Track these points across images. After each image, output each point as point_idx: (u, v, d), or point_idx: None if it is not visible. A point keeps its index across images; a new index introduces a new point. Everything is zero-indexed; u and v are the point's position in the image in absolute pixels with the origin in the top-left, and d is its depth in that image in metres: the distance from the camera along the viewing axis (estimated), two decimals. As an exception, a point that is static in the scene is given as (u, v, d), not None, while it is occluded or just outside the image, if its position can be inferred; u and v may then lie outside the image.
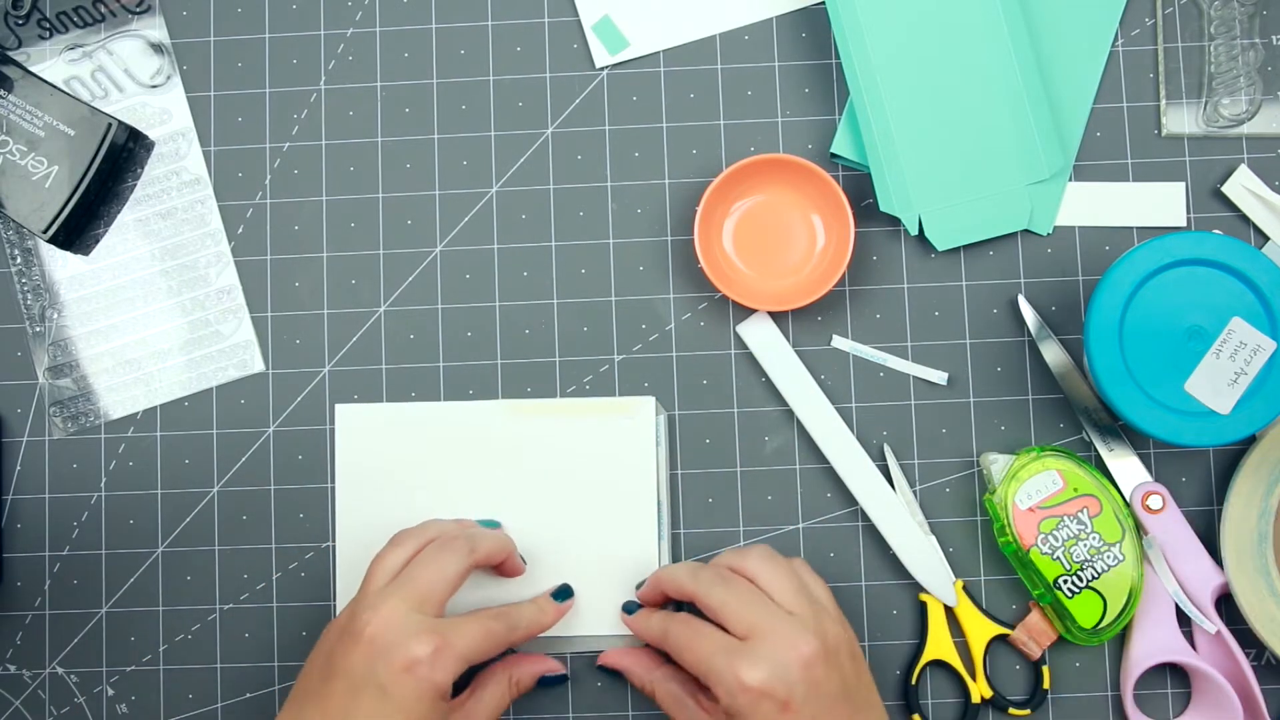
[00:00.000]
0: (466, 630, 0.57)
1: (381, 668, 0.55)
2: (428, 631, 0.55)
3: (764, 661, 0.54)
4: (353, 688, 0.55)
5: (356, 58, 0.68)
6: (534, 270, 0.67)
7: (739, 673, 0.54)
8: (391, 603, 0.56)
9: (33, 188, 0.66)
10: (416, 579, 0.57)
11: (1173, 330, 0.59)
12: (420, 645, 0.55)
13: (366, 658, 0.55)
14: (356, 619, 0.56)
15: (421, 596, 0.57)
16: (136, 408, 0.67)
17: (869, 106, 0.64)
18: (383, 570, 0.59)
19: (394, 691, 0.54)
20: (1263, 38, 0.66)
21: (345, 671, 0.55)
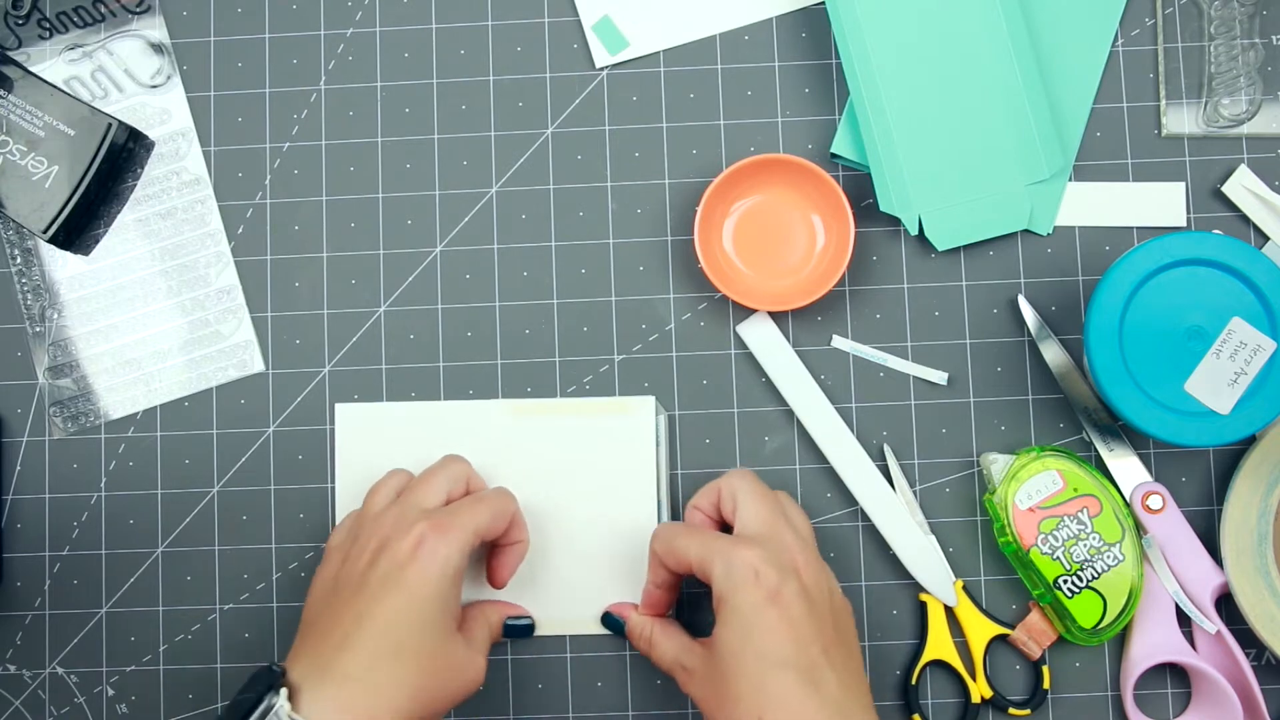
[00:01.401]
0: (468, 507, 0.58)
1: (385, 561, 0.55)
2: (427, 517, 0.56)
3: (759, 547, 0.55)
4: (358, 590, 0.55)
5: (356, 58, 0.68)
6: (534, 270, 0.67)
7: (735, 549, 0.55)
8: (391, 512, 0.57)
9: (33, 188, 0.66)
10: (415, 492, 0.59)
11: (1173, 330, 0.59)
12: (419, 526, 0.56)
13: (371, 559, 0.56)
14: (359, 537, 0.57)
15: (419, 500, 0.58)
16: (136, 408, 0.67)
17: (869, 106, 0.64)
18: (379, 495, 0.60)
19: (405, 573, 0.54)
20: (1263, 38, 0.66)
21: (349, 581, 0.56)
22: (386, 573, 0.55)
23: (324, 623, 0.55)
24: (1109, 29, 0.67)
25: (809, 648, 0.53)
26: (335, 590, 0.56)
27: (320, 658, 0.53)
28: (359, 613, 0.54)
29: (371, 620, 0.54)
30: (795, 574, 0.55)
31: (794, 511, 0.59)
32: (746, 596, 0.54)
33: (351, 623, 0.54)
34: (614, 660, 0.65)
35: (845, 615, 0.57)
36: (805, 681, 0.52)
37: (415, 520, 0.56)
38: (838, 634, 0.55)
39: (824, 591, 0.56)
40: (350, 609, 0.54)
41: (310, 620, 0.57)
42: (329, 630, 0.54)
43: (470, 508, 0.58)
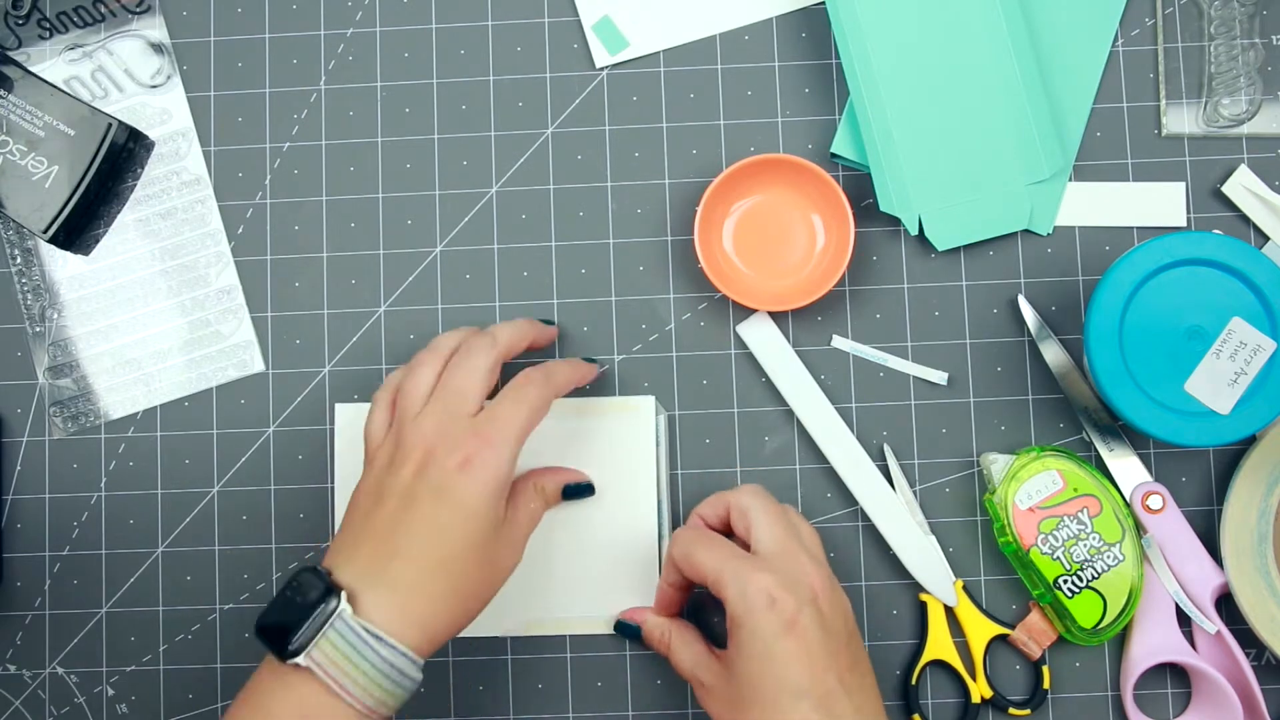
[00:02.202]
0: (508, 412, 0.56)
1: (434, 473, 0.55)
2: (473, 430, 0.55)
3: (776, 570, 0.54)
4: (407, 498, 0.55)
5: (356, 58, 0.68)
6: (534, 270, 0.67)
7: (752, 573, 0.54)
8: (433, 416, 0.56)
9: (33, 188, 0.66)
10: (450, 388, 0.57)
11: (1173, 330, 0.59)
12: (470, 441, 0.55)
13: (418, 469, 0.55)
14: (402, 444, 0.56)
15: (461, 402, 0.56)
16: (136, 408, 0.67)
17: (869, 106, 0.64)
18: (416, 393, 0.58)
19: (453, 491, 0.54)
20: (1263, 38, 0.66)
21: (396, 490, 0.55)
22: (436, 486, 0.54)
23: (371, 530, 0.55)
24: (1109, 29, 0.67)
25: (825, 676, 0.53)
26: (379, 498, 0.56)
27: (372, 564, 0.54)
28: (409, 524, 0.54)
29: (423, 532, 0.54)
30: (812, 600, 0.54)
31: (805, 529, 0.59)
32: (763, 624, 0.53)
33: (403, 534, 0.54)
34: (614, 660, 0.65)
35: (857, 636, 0.57)
36: (822, 711, 0.52)
37: (461, 434, 0.55)
38: (852, 658, 0.55)
39: (840, 615, 0.55)
40: (401, 520, 0.54)
41: (354, 525, 0.56)
42: (377, 538, 0.54)
43: (512, 412, 0.57)
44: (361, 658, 0.51)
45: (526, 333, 0.61)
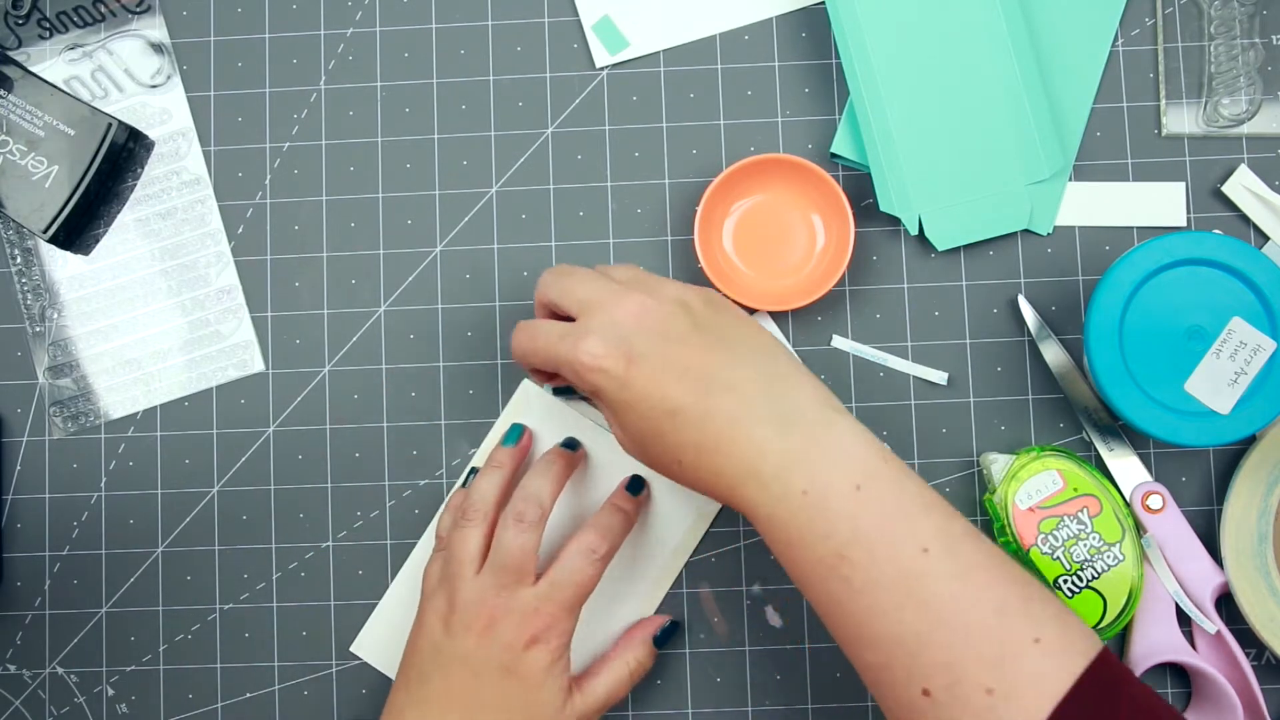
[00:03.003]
0: (570, 579, 0.57)
1: (499, 650, 0.55)
2: (536, 607, 0.56)
3: (595, 329, 0.53)
4: (474, 672, 0.55)
5: (356, 58, 0.68)
6: (534, 270, 0.67)
7: (577, 349, 0.53)
8: (490, 588, 0.56)
9: (33, 188, 0.66)
10: (505, 562, 0.57)
11: (1173, 330, 0.59)
12: (535, 620, 0.55)
13: (483, 643, 0.55)
14: (459, 611, 0.56)
15: (518, 570, 0.57)
16: (136, 408, 0.67)
17: (869, 106, 0.64)
18: (466, 555, 0.58)
19: (519, 669, 0.55)
20: (1263, 38, 0.66)
21: (462, 658, 0.55)
22: (504, 662, 0.55)
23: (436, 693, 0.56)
24: (1109, 29, 0.67)
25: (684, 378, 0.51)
26: (440, 658, 0.56)
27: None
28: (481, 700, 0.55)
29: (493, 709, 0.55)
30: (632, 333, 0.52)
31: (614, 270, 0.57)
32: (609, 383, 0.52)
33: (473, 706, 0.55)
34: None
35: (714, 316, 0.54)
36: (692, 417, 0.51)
37: (524, 609, 0.56)
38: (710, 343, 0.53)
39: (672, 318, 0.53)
40: (468, 691, 0.55)
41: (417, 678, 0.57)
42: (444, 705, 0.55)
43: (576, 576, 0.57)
44: None
45: (562, 476, 0.61)
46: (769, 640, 0.65)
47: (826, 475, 0.50)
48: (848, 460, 0.50)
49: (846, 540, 0.49)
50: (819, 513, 0.49)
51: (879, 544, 0.49)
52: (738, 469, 0.51)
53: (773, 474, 0.50)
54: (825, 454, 0.50)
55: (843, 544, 0.49)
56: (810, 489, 0.50)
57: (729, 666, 0.65)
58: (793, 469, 0.50)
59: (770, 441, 0.51)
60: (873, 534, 0.49)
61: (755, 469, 0.51)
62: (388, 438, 0.66)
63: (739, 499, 0.52)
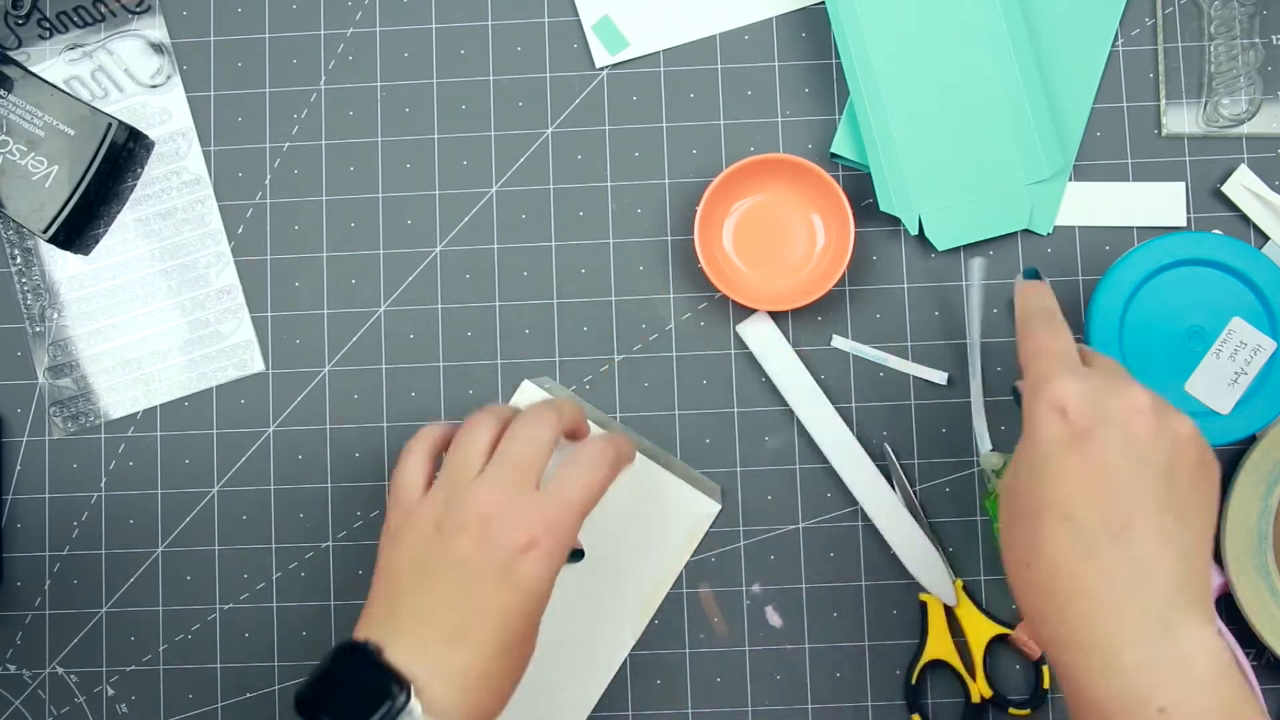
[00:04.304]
0: (574, 495, 0.52)
1: (497, 553, 0.50)
2: (538, 508, 0.51)
3: (1088, 381, 0.47)
4: (467, 576, 0.50)
5: (356, 58, 0.68)
6: (534, 270, 0.67)
7: (1056, 374, 0.47)
8: (493, 486, 0.52)
9: (33, 188, 0.66)
10: (511, 457, 0.53)
11: (1173, 330, 0.59)
12: (536, 523, 0.51)
13: (478, 544, 0.50)
14: (458, 507, 0.51)
15: (524, 473, 0.52)
16: (136, 408, 0.67)
17: (869, 106, 0.64)
18: (472, 451, 0.53)
19: (517, 575, 0.50)
20: (1263, 38, 0.66)
21: (453, 561, 0.51)
22: (500, 566, 0.50)
23: (428, 607, 0.51)
24: (1109, 29, 0.67)
25: (1104, 511, 0.45)
26: (428, 567, 0.51)
27: (434, 650, 0.50)
28: (474, 608, 0.50)
29: (488, 617, 0.51)
30: (1124, 421, 0.46)
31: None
32: (1046, 430, 0.47)
33: (467, 618, 0.50)
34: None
35: (1192, 481, 0.47)
36: (1083, 545, 0.45)
37: (525, 511, 0.51)
38: (1164, 502, 0.46)
39: (1159, 446, 0.46)
40: (463, 601, 0.50)
41: (402, 593, 0.52)
42: (436, 618, 0.51)
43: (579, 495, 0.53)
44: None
45: (580, 415, 0.57)
46: (769, 640, 0.65)
47: (1194, 698, 0.44)
48: (1217, 688, 0.44)
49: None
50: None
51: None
52: (1088, 635, 0.45)
53: (1133, 672, 0.44)
54: (1195, 673, 0.44)
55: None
56: (1171, 708, 0.44)
57: (729, 666, 0.65)
58: (1160, 679, 0.44)
59: (1144, 637, 0.45)
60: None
61: (1111, 652, 0.45)
62: (388, 438, 0.66)
63: (1070, 661, 0.46)
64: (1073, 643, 0.46)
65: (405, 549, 0.53)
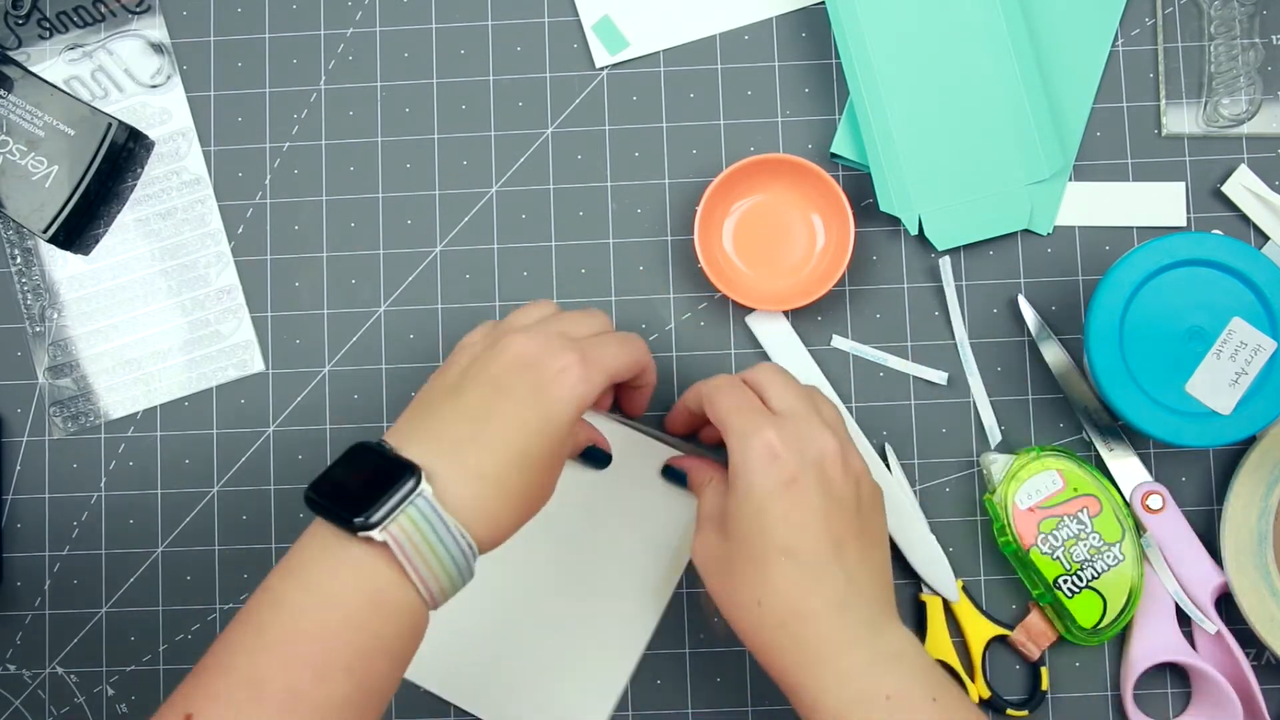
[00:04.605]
0: (609, 347, 0.55)
1: (530, 375, 0.52)
2: (574, 348, 0.53)
3: (785, 430, 0.53)
4: (494, 389, 0.52)
5: (356, 58, 0.68)
6: (534, 270, 0.67)
7: (761, 428, 0.53)
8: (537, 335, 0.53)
9: (33, 188, 0.66)
10: (558, 322, 0.55)
11: (1173, 331, 0.59)
12: (569, 355, 0.52)
13: (513, 367, 0.52)
14: (500, 344, 0.53)
15: (570, 334, 0.54)
16: (136, 408, 0.67)
17: (869, 106, 0.64)
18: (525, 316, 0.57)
19: (546, 393, 0.52)
20: (1263, 38, 0.66)
21: (485, 379, 0.52)
22: (534, 383, 0.52)
23: (453, 411, 0.52)
24: (1109, 29, 0.67)
25: (818, 540, 0.52)
26: (461, 385, 0.52)
27: (452, 447, 0.50)
28: (500, 413, 0.51)
29: (512, 424, 0.51)
30: (818, 463, 0.53)
31: (826, 405, 0.57)
32: (760, 478, 0.52)
33: (483, 418, 0.51)
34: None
35: (872, 508, 0.55)
36: (808, 575, 0.52)
37: (564, 347, 0.53)
38: (859, 528, 0.54)
39: (851, 485, 0.54)
40: (490, 407, 0.51)
41: (430, 405, 0.53)
42: (460, 420, 0.51)
43: (616, 347, 0.55)
44: (439, 542, 0.48)
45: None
46: (769, 640, 0.65)
47: (909, 684, 0.51)
48: (925, 672, 0.52)
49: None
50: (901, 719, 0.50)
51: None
52: (819, 650, 0.52)
53: (859, 671, 0.51)
54: (906, 663, 0.52)
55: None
56: (895, 694, 0.51)
57: (729, 666, 0.65)
58: (881, 672, 0.51)
59: (863, 641, 0.52)
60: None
61: (839, 659, 0.51)
62: (388, 438, 0.66)
63: (804, 680, 0.52)
64: (805, 662, 0.52)
65: (444, 376, 0.54)
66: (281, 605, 0.48)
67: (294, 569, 0.49)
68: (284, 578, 0.49)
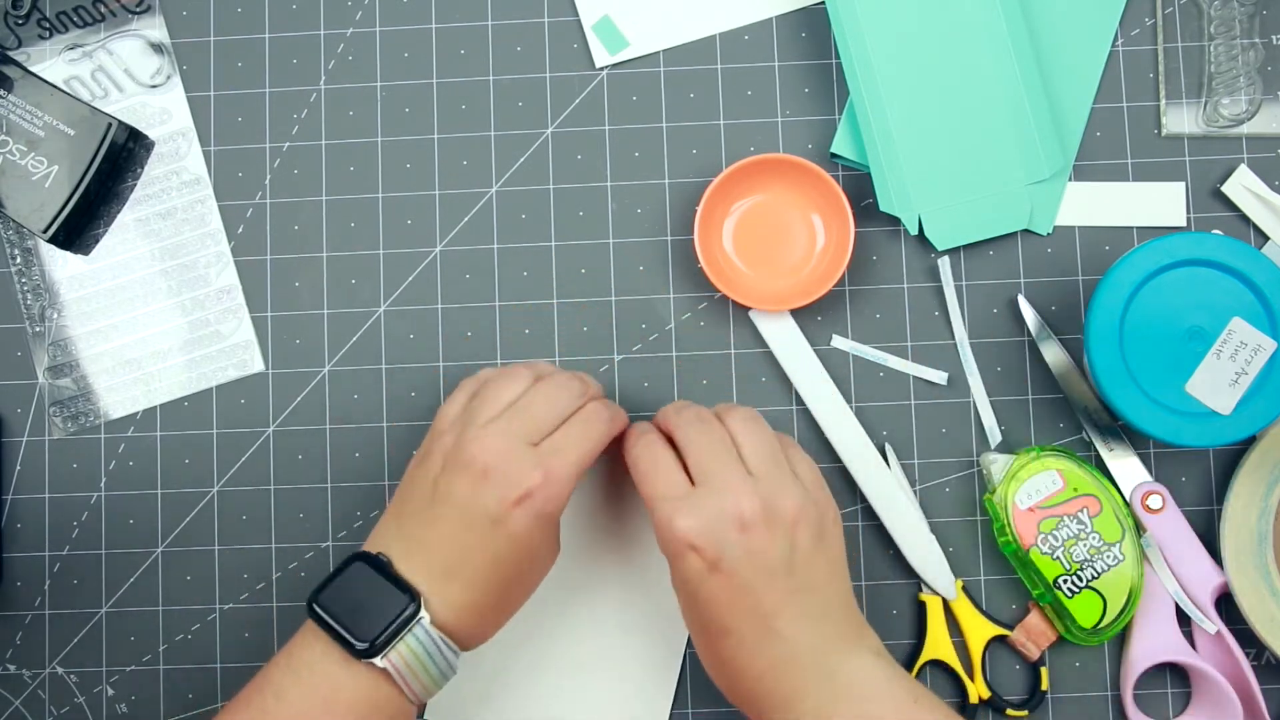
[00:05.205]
0: (572, 446, 0.56)
1: (492, 500, 0.54)
2: (535, 464, 0.54)
3: (700, 512, 0.53)
4: (464, 518, 0.54)
5: (356, 58, 0.68)
6: (534, 270, 0.67)
7: (673, 518, 0.53)
8: (500, 434, 0.55)
9: (33, 188, 0.66)
10: (525, 410, 0.56)
11: (1173, 331, 0.59)
12: (530, 477, 0.54)
13: (475, 491, 0.54)
14: (465, 449, 0.55)
15: (532, 430, 0.55)
16: (136, 408, 0.67)
17: (869, 106, 0.64)
18: (495, 400, 0.57)
19: (507, 524, 0.54)
20: (1263, 38, 0.66)
21: (454, 501, 0.54)
22: (494, 516, 0.54)
23: (426, 534, 0.55)
24: (1109, 29, 0.67)
25: (750, 615, 0.53)
26: (433, 498, 0.55)
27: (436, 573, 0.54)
28: (468, 547, 0.54)
29: (480, 559, 0.54)
30: (737, 536, 0.53)
31: (796, 454, 0.57)
32: (684, 569, 0.54)
33: (460, 552, 0.54)
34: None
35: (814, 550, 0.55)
36: (748, 647, 0.53)
37: (526, 463, 0.54)
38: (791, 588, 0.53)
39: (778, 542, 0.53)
40: (460, 540, 0.54)
41: (407, 514, 0.56)
42: (437, 549, 0.55)
43: (579, 443, 0.56)
44: (431, 662, 0.53)
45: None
46: (769, 640, 0.65)
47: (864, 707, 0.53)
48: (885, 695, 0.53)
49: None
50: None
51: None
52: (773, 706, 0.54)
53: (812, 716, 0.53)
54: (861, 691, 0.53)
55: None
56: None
57: (729, 666, 0.65)
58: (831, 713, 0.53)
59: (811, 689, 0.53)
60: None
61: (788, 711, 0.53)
62: (388, 438, 0.67)
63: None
64: (765, 717, 0.54)
65: (419, 476, 0.57)
66: (282, 699, 0.53)
67: (297, 669, 0.54)
68: (285, 673, 0.54)
